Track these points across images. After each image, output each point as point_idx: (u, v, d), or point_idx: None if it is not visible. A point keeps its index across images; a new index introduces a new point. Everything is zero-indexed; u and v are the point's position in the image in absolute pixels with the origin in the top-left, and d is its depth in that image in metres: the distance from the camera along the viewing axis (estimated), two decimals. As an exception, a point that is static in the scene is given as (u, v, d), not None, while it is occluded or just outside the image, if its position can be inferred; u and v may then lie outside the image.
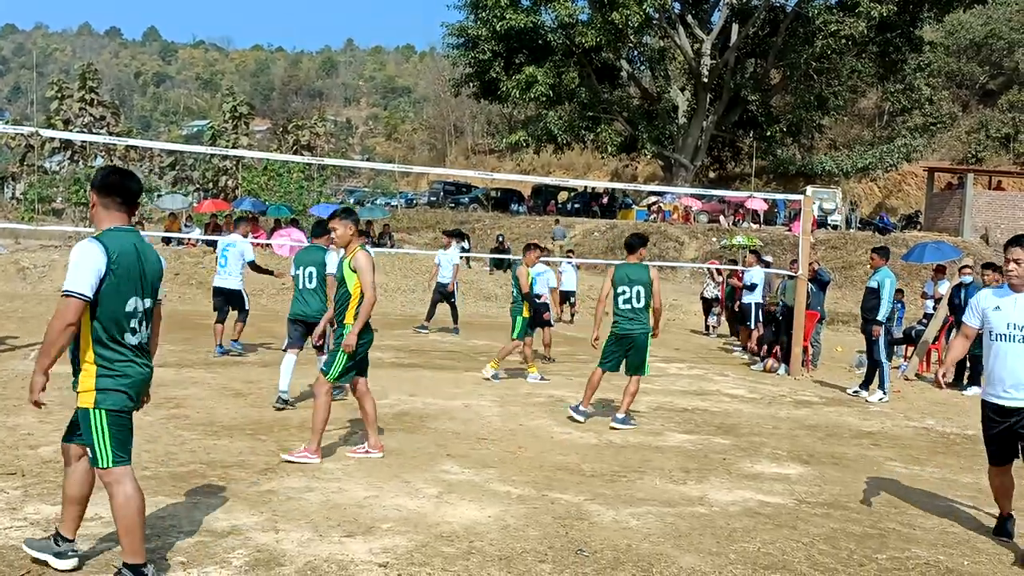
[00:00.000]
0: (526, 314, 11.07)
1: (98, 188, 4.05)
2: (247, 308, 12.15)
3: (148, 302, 4.08)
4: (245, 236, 12.29)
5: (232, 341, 11.87)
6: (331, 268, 8.58)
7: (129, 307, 3.95)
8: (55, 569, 4.10)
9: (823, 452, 7.84)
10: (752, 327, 14.82)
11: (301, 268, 8.67)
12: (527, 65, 40.99)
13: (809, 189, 36.08)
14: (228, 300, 11.98)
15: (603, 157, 51.14)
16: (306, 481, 5.86)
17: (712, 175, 50.09)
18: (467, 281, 23.72)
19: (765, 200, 36.80)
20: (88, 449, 3.97)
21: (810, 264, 13.27)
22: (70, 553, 4.15)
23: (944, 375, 5.71)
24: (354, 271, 6.41)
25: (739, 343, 16.40)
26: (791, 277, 14.05)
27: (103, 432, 3.92)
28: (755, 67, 43.76)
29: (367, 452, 6.67)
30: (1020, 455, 5.31)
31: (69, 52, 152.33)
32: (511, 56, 41.98)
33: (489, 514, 5.36)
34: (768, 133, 43.67)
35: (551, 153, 49.37)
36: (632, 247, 8.63)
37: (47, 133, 22.03)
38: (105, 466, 3.92)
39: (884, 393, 11.14)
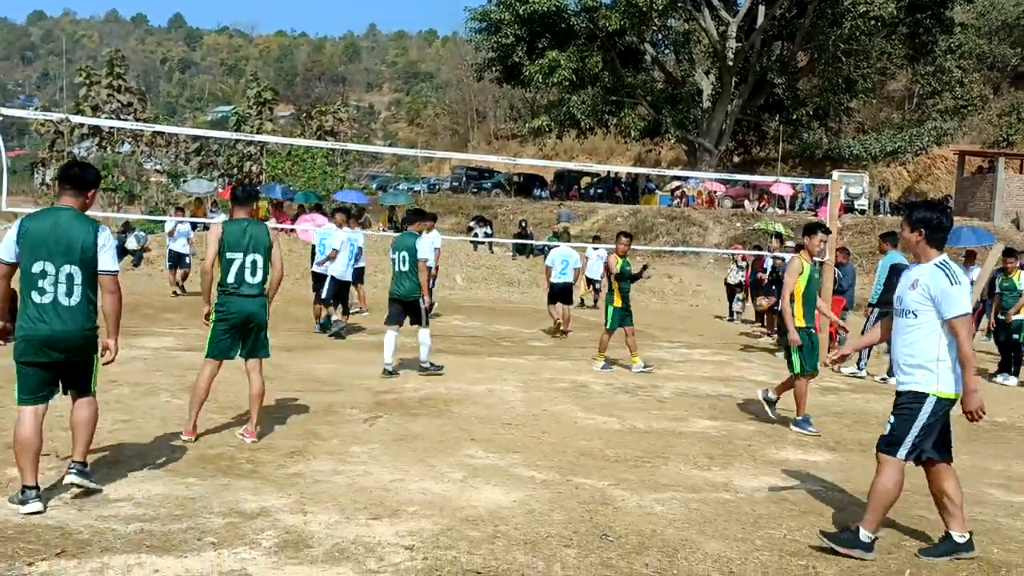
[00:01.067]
0: (617, 303, 10.97)
1: (57, 177, 5.00)
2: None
3: (69, 268, 4.76)
4: (340, 226, 13.35)
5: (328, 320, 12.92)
6: (422, 253, 9.51)
7: (35, 269, 4.72)
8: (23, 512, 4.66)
9: (850, 439, 7.80)
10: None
11: (397, 253, 9.66)
12: (550, 49, 40.78)
13: (835, 174, 35.72)
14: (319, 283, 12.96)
15: (626, 142, 50.87)
16: (332, 464, 5.91)
17: (737, 159, 49.68)
18: (490, 267, 23.75)
19: (791, 185, 36.48)
20: None
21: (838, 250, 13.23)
22: (33, 498, 4.71)
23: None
24: None
25: (764, 329, 16.33)
26: (820, 263, 13.96)
27: (15, 375, 4.81)
28: (782, 49, 43.27)
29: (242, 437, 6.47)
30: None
31: (96, 39, 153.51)
32: (534, 40, 41.78)
33: (514, 498, 5.38)
34: (794, 117, 43.24)
35: (574, 138, 49.18)
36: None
37: (77, 119, 22.28)
38: (16, 404, 4.80)
39: (859, 368, 11.72)
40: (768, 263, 15.46)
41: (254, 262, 6.35)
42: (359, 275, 14.90)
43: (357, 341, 12.37)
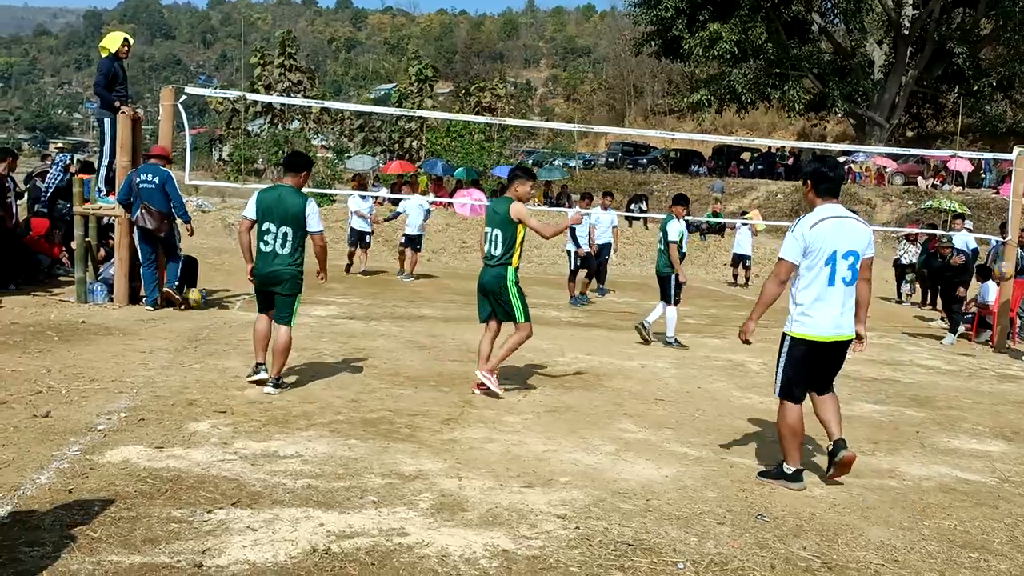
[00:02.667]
0: None
1: (282, 163, 7.29)
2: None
3: (285, 228, 6.69)
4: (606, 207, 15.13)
5: (581, 295, 14.40)
6: (672, 235, 10.37)
7: (264, 227, 6.72)
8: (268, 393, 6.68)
9: (1029, 430, 7.29)
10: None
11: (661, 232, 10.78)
12: (711, 21, 39.61)
13: (1016, 149, 33.13)
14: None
15: (789, 116, 48.90)
16: (486, 432, 6.03)
17: (910, 134, 46.95)
18: (644, 243, 23.52)
19: (970, 160, 34.16)
20: None
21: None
22: (262, 369, 6.87)
23: None
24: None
25: (939, 313, 15.50)
26: (1001, 243, 13.07)
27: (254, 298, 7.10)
28: (963, 17, 40.39)
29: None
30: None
31: (270, 21, 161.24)
32: (695, 13, 40.70)
33: (666, 474, 5.34)
34: (976, 88, 40.31)
35: (734, 113, 47.77)
36: None
37: (253, 97, 23.48)
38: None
39: None
40: (956, 242, 14.34)
41: (496, 235, 7.07)
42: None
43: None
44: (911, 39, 38.90)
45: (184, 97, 11.32)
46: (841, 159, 37.97)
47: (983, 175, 36.41)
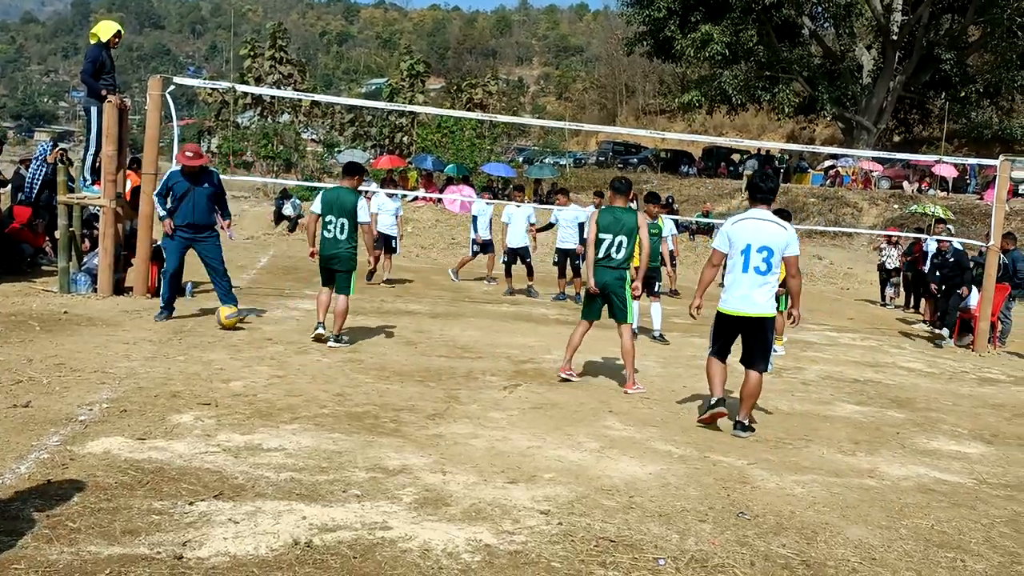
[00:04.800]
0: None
1: (343, 169, 9.24)
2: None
3: (342, 219, 8.49)
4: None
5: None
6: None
7: (327, 219, 8.56)
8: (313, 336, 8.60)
9: (1009, 432, 7.36)
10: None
11: None
12: (703, 23, 39.69)
13: (1000, 156, 33.31)
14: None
15: (779, 119, 49.08)
16: (472, 428, 6.04)
17: (897, 139, 47.15)
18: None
19: (955, 166, 34.34)
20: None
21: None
22: (320, 325, 8.63)
23: None
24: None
25: (921, 316, 15.61)
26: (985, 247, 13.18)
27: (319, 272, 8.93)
28: (951, 23, 40.63)
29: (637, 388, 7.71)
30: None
31: (261, 12, 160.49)
32: (687, 14, 40.76)
33: (650, 471, 5.36)
34: (962, 94, 40.49)
35: (724, 114, 47.87)
36: None
37: (243, 88, 23.38)
38: (321, 285, 8.87)
39: None
40: (929, 247, 14.61)
41: (620, 242, 7.60)
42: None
43: (501, 311, 12.56)
44: (899, 44, 39.10)
45: (172, 87, 11.26)
46: (828, 163, 38.21)
47: (967, 180, 36.61)
